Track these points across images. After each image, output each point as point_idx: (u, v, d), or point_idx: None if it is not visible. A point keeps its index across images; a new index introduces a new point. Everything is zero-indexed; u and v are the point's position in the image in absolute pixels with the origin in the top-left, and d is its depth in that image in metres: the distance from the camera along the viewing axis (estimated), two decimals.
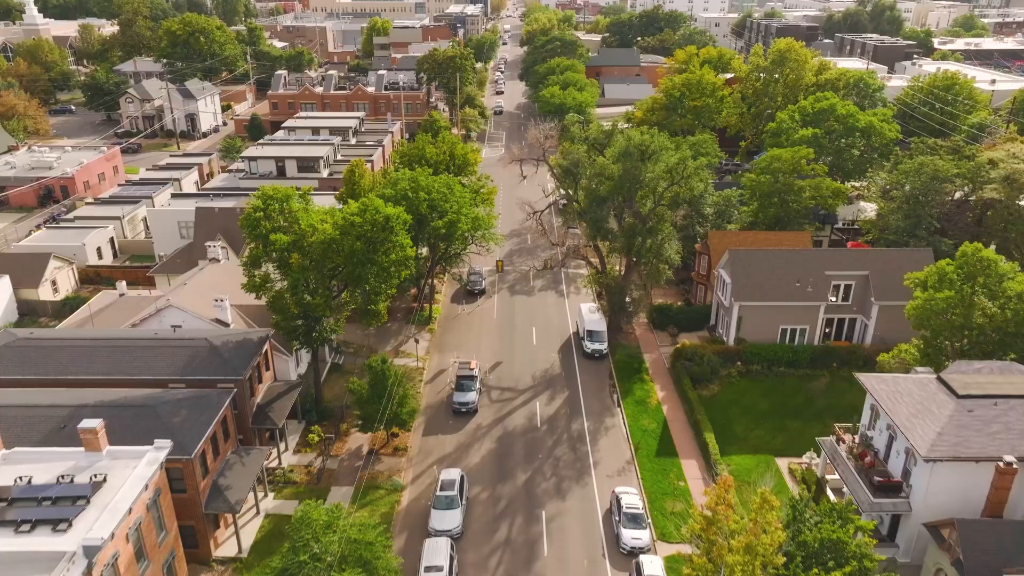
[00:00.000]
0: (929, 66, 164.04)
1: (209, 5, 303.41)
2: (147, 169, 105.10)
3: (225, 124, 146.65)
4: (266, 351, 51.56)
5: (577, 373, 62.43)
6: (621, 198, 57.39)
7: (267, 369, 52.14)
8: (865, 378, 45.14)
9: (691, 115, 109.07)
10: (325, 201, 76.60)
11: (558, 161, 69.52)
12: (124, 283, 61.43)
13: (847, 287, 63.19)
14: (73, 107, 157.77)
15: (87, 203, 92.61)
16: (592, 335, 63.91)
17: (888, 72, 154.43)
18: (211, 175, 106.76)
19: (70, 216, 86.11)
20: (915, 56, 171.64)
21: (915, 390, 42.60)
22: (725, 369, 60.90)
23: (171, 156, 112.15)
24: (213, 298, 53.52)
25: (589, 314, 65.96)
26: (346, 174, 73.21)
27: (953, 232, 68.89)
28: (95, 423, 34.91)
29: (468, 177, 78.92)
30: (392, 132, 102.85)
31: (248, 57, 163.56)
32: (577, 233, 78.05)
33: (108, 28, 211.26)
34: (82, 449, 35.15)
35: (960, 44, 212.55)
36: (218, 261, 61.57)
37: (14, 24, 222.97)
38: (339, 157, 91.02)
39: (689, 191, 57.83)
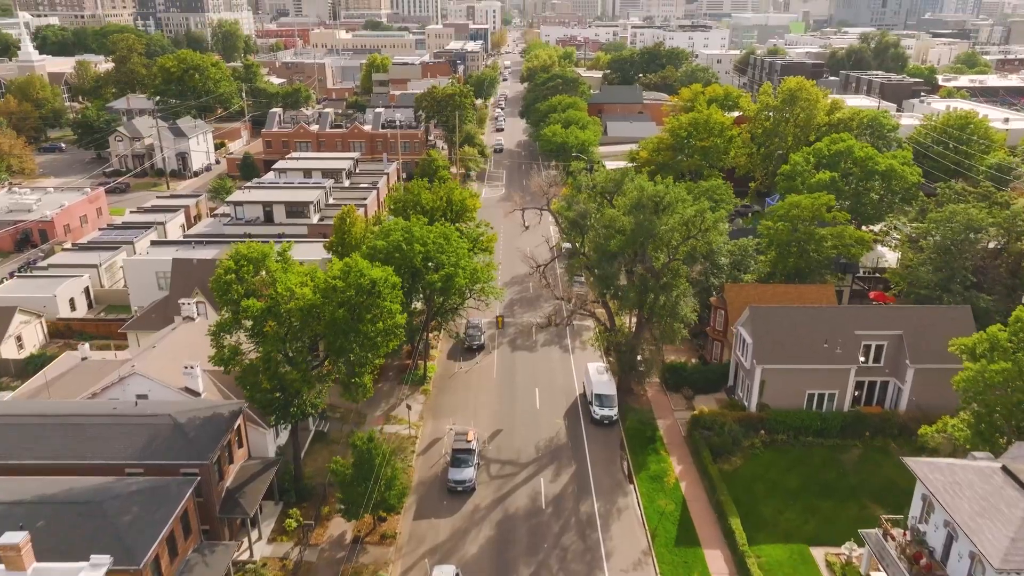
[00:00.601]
0: (938, 104, 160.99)
1: (209, 42, 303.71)
2: (131, 211, 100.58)
3: (218, 162, 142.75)
4: (239, 426, 46.18)
5: (585, 443, 56.88)
6: (632, 252, 52.47)
7: (240, 446, 46.67)
8: (916, 465, 39.60)
9: (698, 155, 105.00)
10: (313, 250, 71.99)
11: (561, 208, 64.97)
12: (87, 345, 56.23)
13: (879, 348, 57.96)
14: (63, 145, 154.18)
15: (65, 249, 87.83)
16: (601, 399, 58.50)
17: (897, 110, 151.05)
18: (199, 217, 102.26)
19: (44, 264, 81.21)
20: (922, 93, 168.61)
21: (977, 482, 37.09)
22: (747, 439, 55.35)
23: (158, 197, 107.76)
24: (183, 365, 48.34)
25: (597, 375, 60.62)
26: (336, 222, 68.49)
27: (987, 285, 63.91)
28: (18, 537, 29.46)
29: (467, 223, 74.38)
30: (388, 173, 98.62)
31: (243, 94, 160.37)
32: (582, 282, 73.14)
33: (105, 65, 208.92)
34: (2, 568, 29.63)
35: (965, 81, 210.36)
36: (193, 319, 56.46)
37: (10, 61, 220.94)
38: (331, 201, 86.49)
39: (707, 245, 52.93)
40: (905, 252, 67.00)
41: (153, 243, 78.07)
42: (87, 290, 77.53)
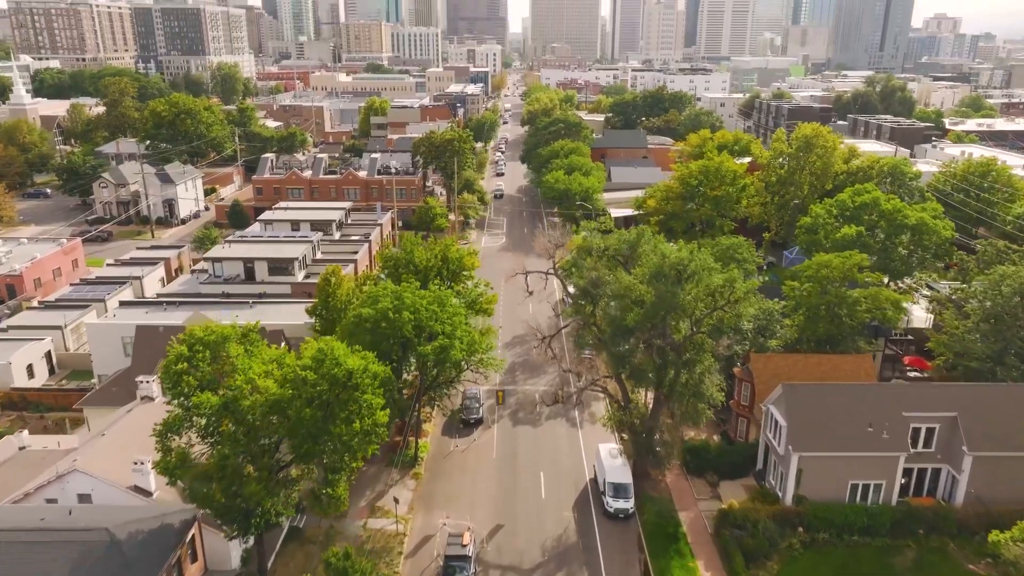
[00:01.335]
0: (951, 149, 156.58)
1: (208, 84, 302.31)
2: (108, 264, 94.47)
3: (207, 209, 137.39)
4: (193, 536, 39.19)
5: (598, 542, 49.66)
6: (651, 325, 46.07)
7: (194, 560, 39.61)
8: None
9: (709, 205, 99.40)
10: (296, 312, 65.62)
11: (567, 264, 58.81)
12: (26, 433, 49.41)
13: (929, 431, 51.19)
14: (48, 190, 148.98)
15: (31, 307, 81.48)
16: (616, 490, 51.42)
17: (911, 155, 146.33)
18: (180, 270, 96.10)
19: (3, 325, 74.70)
20: (934, 138, 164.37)
21: None
22: (784, 539, 48.21)
23: (138, 248, 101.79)
24: (133, 460, 41.54)
25: (610, 459, 53.64)
26: (320, 283, 62.24)
27: None
28: None
29: (465, 282, 68.17)
30: (381, 224, 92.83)
31: (236, 138, 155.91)
32: (592, 349, 66.57)
33: (98, 108, 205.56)
34: None
35: (972, 125, 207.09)
36: (152, 400, 49.76)
37: (2, 104, 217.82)
38: (319, 255, 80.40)
39: (736, 317, 46.56)
40: (949, 319, 60.54)
41: (122, 304, 71.64)
42: (49, 354, 70.95)
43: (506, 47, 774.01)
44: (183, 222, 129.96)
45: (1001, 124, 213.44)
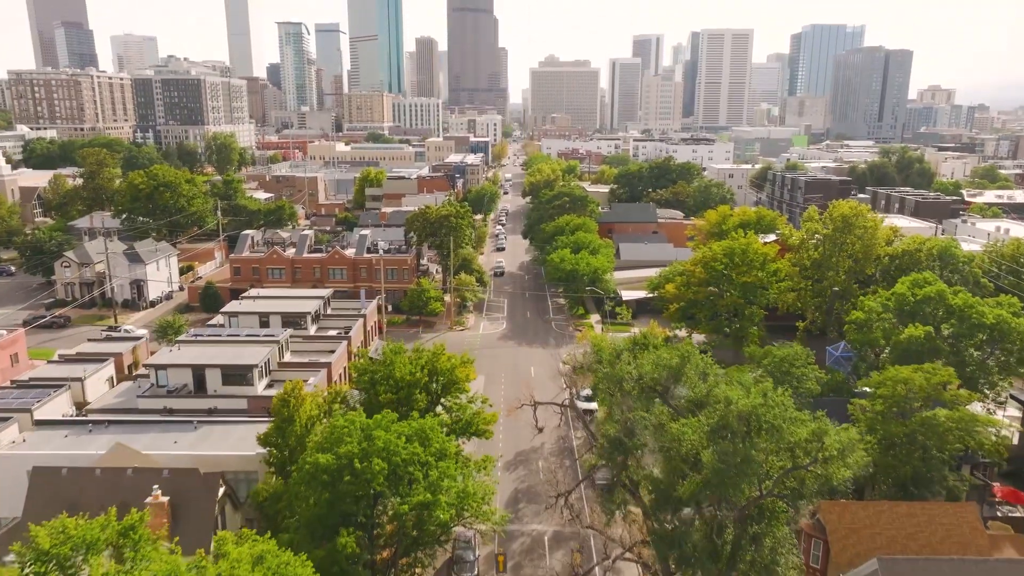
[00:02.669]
0: (983, 224, 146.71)
1: (202, 154, 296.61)
2: (49, 361, 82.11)
3: (181, 289, 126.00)
4: None
5: None
6: (709, 491, 33.62)
7: None
8: None
9: (736, 291, 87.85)
10: (250, 435, 52.95)
11: (596, 378, 46.65)
12: None
13: None
14: (12, 268, 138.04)
15: None
16: None
17: (941, 232, 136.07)
18: (135, 366, 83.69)
19: None
20: (962, 212, 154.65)
21: None
22: None
23: (89, 340, 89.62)
24: None
25: None
26: (276, 405, 49.93)
27: None
28: None
29: (458, 396, 55.87)
30: (364, 315, 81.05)
31: (218, 211, 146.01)
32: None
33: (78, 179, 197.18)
34: None
35: (992, 197, 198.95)
36: None
37: None
38: (288, 357, 68.23)
39: (826, 479, 34.01)
40: None
41: (37, 424, 58.98)
42: None
43: (506, 117, 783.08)
44: (152, 304, 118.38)
45: (1021, 196, 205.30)
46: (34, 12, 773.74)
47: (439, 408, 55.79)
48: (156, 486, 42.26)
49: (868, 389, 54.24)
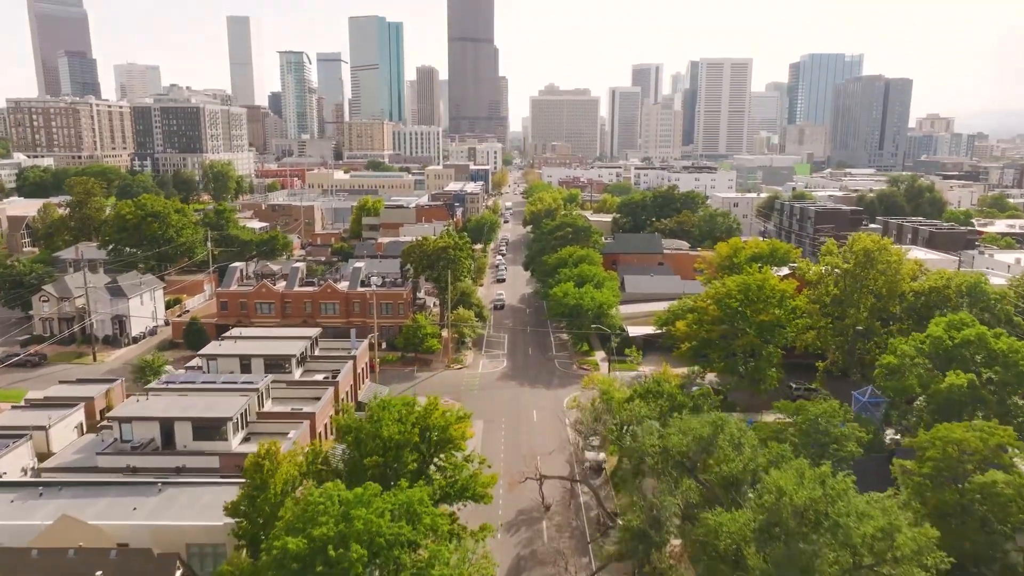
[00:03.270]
0: (1001, 255, 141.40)
1: (199, 182, 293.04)
2: (13, 407, 76.28)
3: (166, 323, 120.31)
4: None
5: None
6: None
7: None
8: None
9: (752, 330, 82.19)
10: (218, 503, 46.99)
11: (624, 452, 40.90)
12: None
13: None
14: None
15: None
16: None
17: (960, 265, 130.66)
18: (108, 411, 77.75)
19: None
20: (978, 243, 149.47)
21: None
22: None
23: (60, 382, 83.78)
24: None
25: None
26: (248, 469, 44.07)
27: None
28: None
29: (453, 454, 49.98)
30: (355, 357, 75.35)
31: (208, 242, 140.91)
32: None
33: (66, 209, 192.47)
34: None
35: (1003, 226, 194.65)
36: None
37: None
38: (267, 407, 62.39)
39: None
40: None
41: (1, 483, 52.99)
42: None
43: (507, 145, 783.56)
44: (135, 341, 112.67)
45: None
46: (38, 41, 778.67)
47: (432, 468, 49.95)
48: (99, 572, 36.38)
49: (910, 445, 48.36)
